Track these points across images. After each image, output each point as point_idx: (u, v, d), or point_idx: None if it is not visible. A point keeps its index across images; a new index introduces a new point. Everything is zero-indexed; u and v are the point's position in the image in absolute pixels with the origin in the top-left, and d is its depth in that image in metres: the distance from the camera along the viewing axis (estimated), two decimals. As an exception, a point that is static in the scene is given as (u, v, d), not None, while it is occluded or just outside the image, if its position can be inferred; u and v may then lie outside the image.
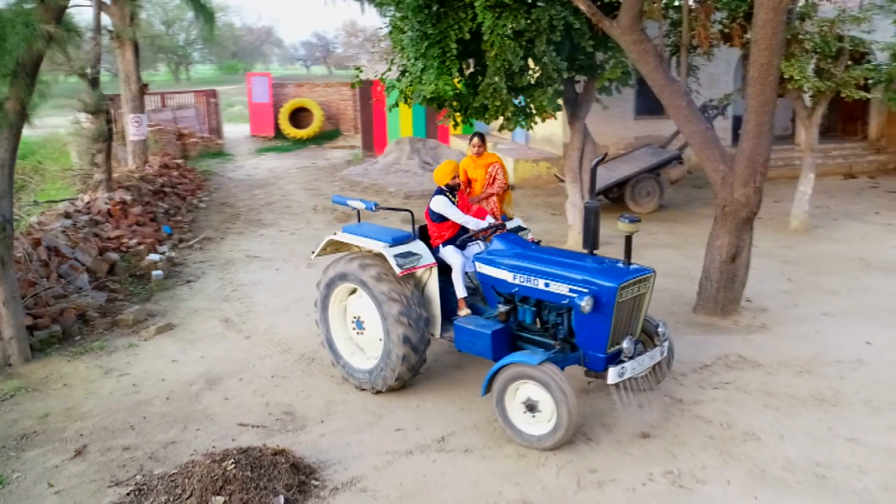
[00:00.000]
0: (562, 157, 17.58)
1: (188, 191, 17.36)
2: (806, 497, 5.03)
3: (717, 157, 8.12)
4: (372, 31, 71.96)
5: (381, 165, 20.80)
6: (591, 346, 5.88)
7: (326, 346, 7.19)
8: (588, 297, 5.62)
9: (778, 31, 7.09)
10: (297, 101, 28.69)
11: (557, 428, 5.54)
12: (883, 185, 16.14)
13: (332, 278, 6.92)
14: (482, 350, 6.24)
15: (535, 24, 9.99)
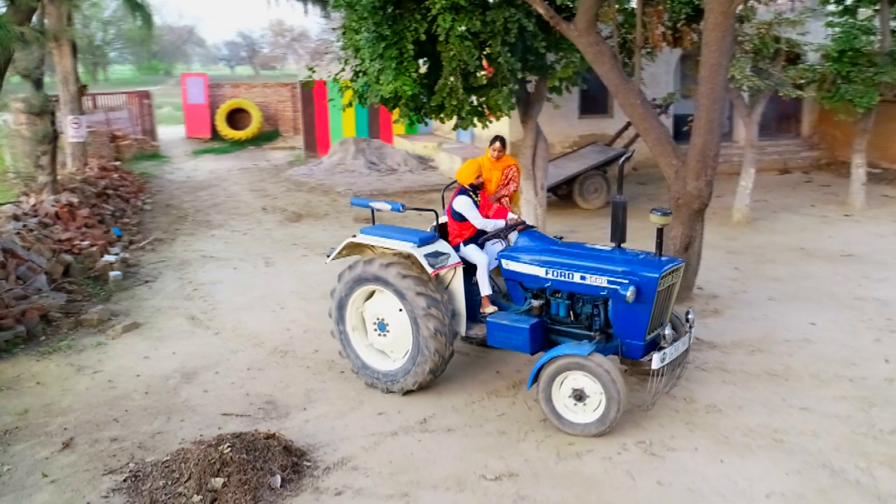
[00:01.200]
0: (509, 156, 18.20)
1: (130, 193, 17.27)
2: (767, 459, 5.63)
3: (671, 153, 8.75)
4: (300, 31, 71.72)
5: (325, 166, 21.04)
6: (630, 335, 6.18)
7: (345, 351, 7.19)
8: (632, 287, 5.93)
9: (727, 33, 7.74)
10: (235, 102, 28.61)
11: (607, 414, 5.84)
12: (816, 179, 17.26)
13: (351, 282, 6.91)
14: (519, 344, 6.43)
15: (489, 25, 10.47)
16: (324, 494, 5.43)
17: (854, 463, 5.52)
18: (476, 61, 10.65)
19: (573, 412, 6.04)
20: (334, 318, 7.15)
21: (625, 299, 5.95)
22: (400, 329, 6.74)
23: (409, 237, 6.71)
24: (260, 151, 26.84)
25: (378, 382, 6.97)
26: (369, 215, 15.25)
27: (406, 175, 19.70)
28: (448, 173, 19.06)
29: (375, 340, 7.03)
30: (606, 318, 6.31)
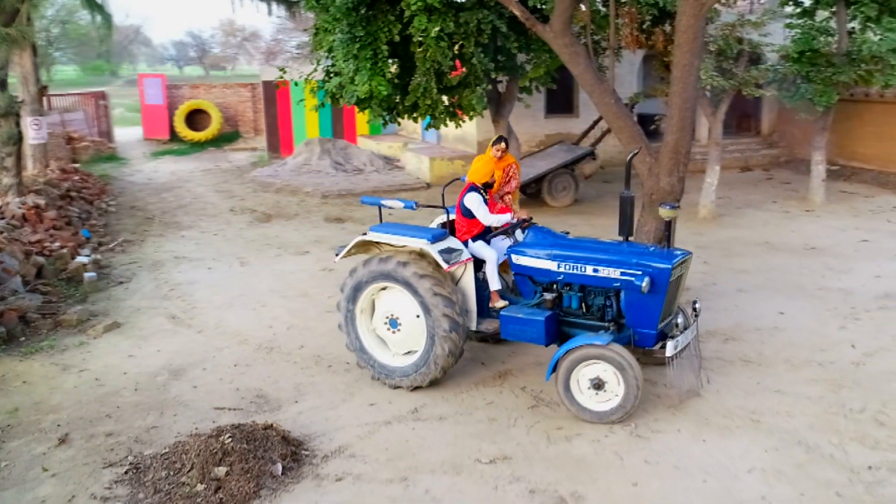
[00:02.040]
0: (476, 155, 18.54)
1: (93, 195, 17.19)
2: (746, 438, 6.02)
3: (644, 151, 9.13)
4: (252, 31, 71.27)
5: (290, 167, 21.15)
6: (643, 325, 6.46)
7: (355, 349, 7.28)
8: (647, 278, 6.20)
9: (698, 35, 8.14)
10: (194, 103, 28.51)
11: (626, 401, 6.11)
12: (777, 176, 17.95)
13: (362, 280, 7.02)
14: (534, 337, 6.64)
15: (463, 26, 10.80)
16: (325, 480, 5.65)
17: (827, 440, 5.93)
18: (449, 62, 10.96)
19: (591, 401, 6.28)
20: (344, 315, 7.25)
21: (641, 290, 6.20)
22: (412, 325, 6.89)
23: (422, 234, 6.86)
24: (221, 153, 26.81)
25: (388, 378, 7.10)
26: (341, 215, 15.48)
27: (373, 175, 19.91)
28: (416, 173, 19.33)
29: (387, 337, 7.15)
30: (618, 308, 6.61)
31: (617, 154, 19.17)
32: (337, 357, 8.01)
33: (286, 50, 54.10)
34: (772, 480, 5.43)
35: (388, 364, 7.13)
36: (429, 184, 18.27)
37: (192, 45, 75.11)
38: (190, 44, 75.23)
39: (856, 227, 12.76)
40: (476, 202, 7.08)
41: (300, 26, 44.31)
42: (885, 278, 9.93)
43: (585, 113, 18.57)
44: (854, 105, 16.54)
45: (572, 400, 6.33)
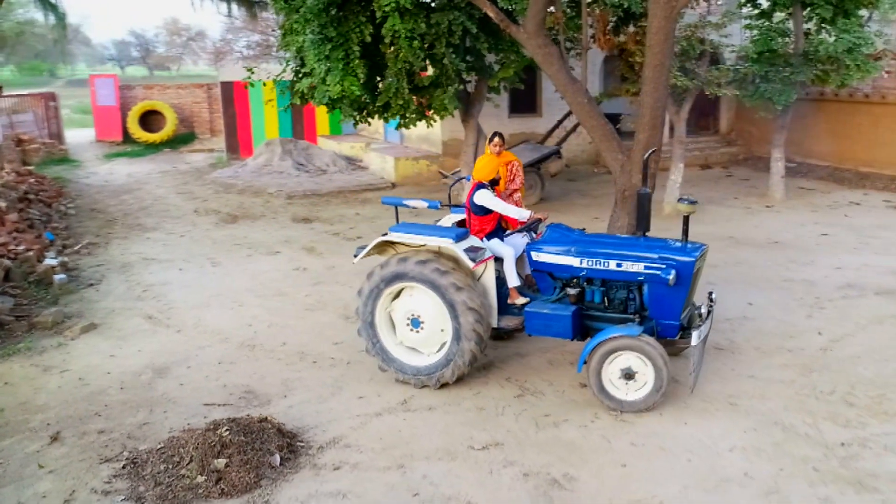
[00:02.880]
0: (441, 155, 18.86)
1: (51, 198, 17.02)
2: (725, 420, 6.40)
3: (616, 148, 9.52)
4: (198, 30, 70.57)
5: (251, 168, 21.17)
6: (667, 316, 6.75)
7: (375, 350, 7.32)
8: (673, 271, 6.48)
9: (669, 36, 8.56)
10: (148, 104, 28.28)
11: (656, 390, 6.38)
12: (736, 174, 18.61)
13: (383, 280, 7.07)
14: (560, 331, 6.87)
15: (434, 27, 11.07)
16: (323, 470, 5.86)
17: (801, 419, 6.34)
18: (421, 62, 11.21)
19: (621, 391, 6.53)
20: (363, 318, 7.28)
21: (668, 283, 6.49)
22: (435, 324, 7.00)
23: (444, 233, 7.00)
24: (177, 154, 26.64)
25: (411, 378, 7.17)
26: (308, 215, 15.60)
27: (337, 176, 20.05)
28: (380, 173, 19.53)
29: (408, 337, 7.21)
30: (641, 301, 6.87)
31: (580, 153, 19.67)
32: (321, 353, 8.20)
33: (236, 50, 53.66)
34: (752, 458, 5.80)
35: (411, 364, 7.19)
36: (394, 183, 18.49)
37: (134, 45, 73.98)
38: (132, 43, 74.09)
39: (815, 221, 13.36)
40: (489, 197, 7.24)
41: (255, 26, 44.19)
42: (845, 270, 10.47)
43: (549, 112, 18.99)
44: (809, 104, 17.24)
45: (603, 390, 6.56)
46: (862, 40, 13.23)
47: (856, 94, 16.53)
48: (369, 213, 15.58)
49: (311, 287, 10.60)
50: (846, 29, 13.29)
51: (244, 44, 50.58)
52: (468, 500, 5.42)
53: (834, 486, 5.40)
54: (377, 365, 7.40)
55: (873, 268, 10.51)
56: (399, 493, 5.55)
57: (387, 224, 14.35)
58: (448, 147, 18.74)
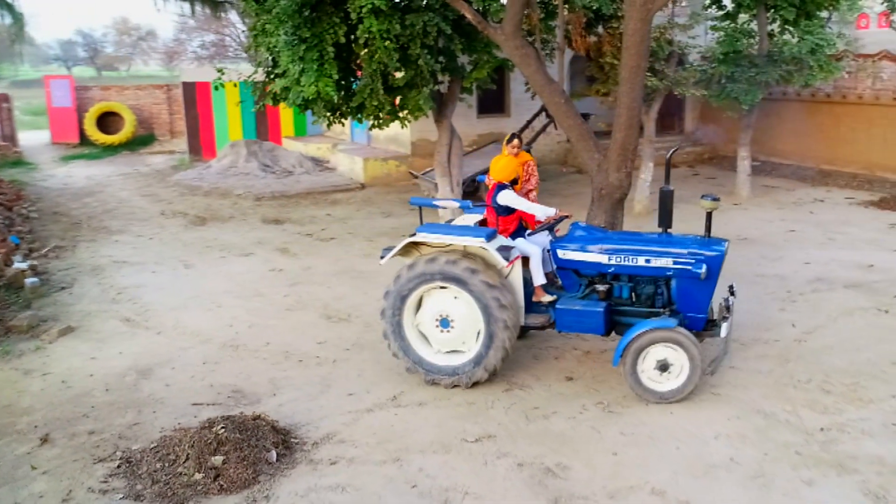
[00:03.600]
0: (410, 155, 19.03)
1: (10, 201, 16.82)
2: (709, 409, 6.69)
3: (592, 147, 9.78)
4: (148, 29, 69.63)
5: (216, 169, 21.09)
6: (695, 309, 7.03)
7: (403, 353, 7.32)
8: (704, 265, 6.78)
9: (645, 38, 8.83)
10: (105, 105, 27.89)
11: (690, 380, 6.63)
12: (702, 172, 19.11)
13: (412, 281, 7.11)
14: (593, 327, 7.10)
15: (409, 28, 11.23)
16: (319, 465, 6.00)
17: (781, 407, 6.66)
18: (396, 63, 11.35)
19: (657, 382, 6.76)
20: (390, 319, 7.29)
21: (700, 276, 6.77)
22: (465, 324, 7.11)
23: (475, 233, 7.10)
24: (136, 156, 26.36)
25: (441, 378, 7.22)
26: (278, 216, 15.63)
27: (304, 177, 20.07)
28: (348, 174, 19.61)
29: (437, 336, 7.26)
30: (668, 295, 7.13)
31: (549, 153, 19.98)
32: (306, 352, 8.32)
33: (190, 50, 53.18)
34: (737, 444, 6.09)
35: (439, 364, 7.24)
36: (363, 184, 18.59)
37: (81, 45, 72.62)
38: (79, 43, 72.71)
39: (781, 218, 13.82)
40: (513, 197, 7.40)
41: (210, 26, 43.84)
42: (813, 264, 10.89)
43: (517, 113, 19.25)
44: (773, 103, 17.77)
45: (639, 382, 6.78)
46: (824, 41, 13.74)
47: (818, 94, 17.09)
48: (340, 214, 15.69)
49: (289, 288, 10.69)
50: (809, 30, 13.78)
51: (198, 44, 50.16)
52: (466, 490, 5.60)
53: (816, 469, 5.70)
54: (404, 367, 7.41)
55: (840, 262, 10.95)
56: (397, 484, 5.71)
57: (360, 225, 14.59)
58: (417, 148, 18.90)
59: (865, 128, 16.46)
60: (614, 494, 5.49)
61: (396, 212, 15.82)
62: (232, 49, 45.12)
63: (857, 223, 13.35)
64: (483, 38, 12.60)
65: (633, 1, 8.56)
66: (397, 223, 14.66)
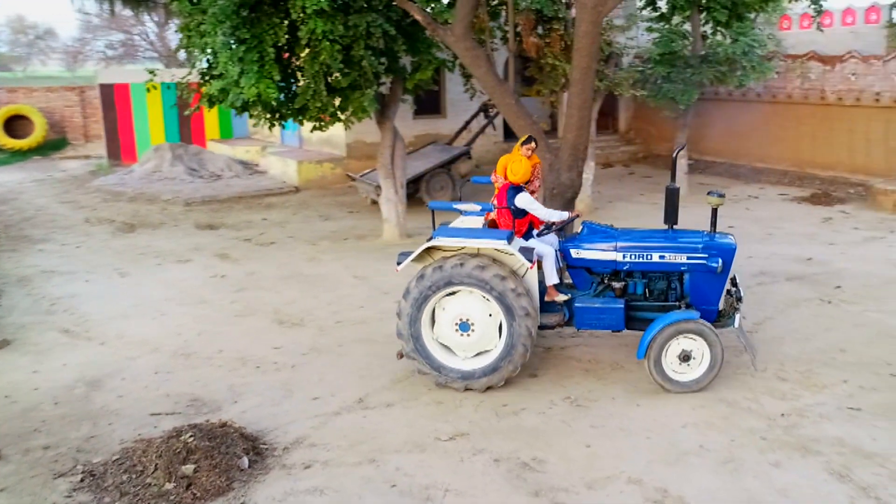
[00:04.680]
0: (345, 158, 19.05)
1: (-82, 209, 16.17)
2: (674, 400, 6.99)
3: (544, 147, 10.05)
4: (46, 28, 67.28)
5: (139, 174, 20.66)
6: (708, 302, 7.36)
7: (420, 356, 7.30)
8: (720, 258, 7.14)
9: (596, 40, 9.16)
10: (12, 108, 26.94)
11: (712, 369, 6.98)
12: (637, 172, 19.73)
13: (433, 285, 7.12)
14: (613, 323, 7.39)
15: (352, 29, 11.30)
16: (294, 469, 6.04)
17: (742, 395, 7.02)
18: (339, 65, 11.39)
19: (679, 373, 7.08)
20: (407, 323, 7.26)
21: (716, 270, 7.18)
22: (485, 328, 7.17)
23: (495, 235, 7.23)
24: (49, 161, 25.54)
25: (457, 382, 7.23)
26: (212, 221, 15.45)
27: (234, 181, 19.86)
28: (281, 177, 19.49)
29: (457, 341, 7.28)
30: (681, 290, 7.46)
31: (485, 153, 20.26)
32: (262, 358, 8.31)
33: (97, 50, 51.69)
34: (705, 431, 6.40)
35: (457, 368, 7.27)
36: (297, 188, 18.52)
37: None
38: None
39: (720, 215, 14.32)
40: (530, 200, 7.58)
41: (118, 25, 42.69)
42: (756, 259, 11.44)
43: (453, 113, 19.53)
44: (704, 103, 18.45)
45: (663, 374, 7.06)
46: (757, 43, 14.40)
47: (749, 94, 17.87)
48: (277, 218, 15.61)
49: (235, 294, 10.62)
50: (742, 31, 14.43)
51: (104, 43, 48.79)
52: (446, 487, 5.73)
53: (782, 452, 6.05)
54: (417, 369, 7.42)
55: (781, 256, 11.53)
56: (376, 485, 5.80)
57: (299, 229, 14.57)
58: (353, 150, 18.94)
59: (795, 126, 17.31)
60: (592, 485, 5.71)
61: (335, 215, 15.84)
62: (143, 49, 44.15)
63: (793, 218, 14.05)
64: (426, 39, 12.79)
65: (584, 4, 8.87)
66: (337, 227, 14.70)
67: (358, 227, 14.50)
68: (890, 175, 15.02)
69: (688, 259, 7.36)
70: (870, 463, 5.88)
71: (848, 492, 5.53)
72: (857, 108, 16.09)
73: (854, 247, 12.13)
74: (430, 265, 7.18)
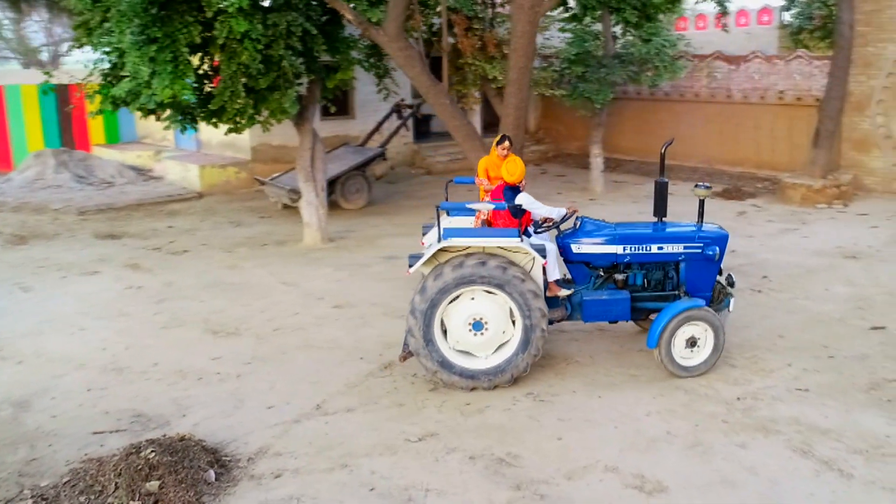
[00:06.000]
0: (250, 161, 18.79)
1: None
2: (633, 390, 7.33)
3: (479, 147, 10.31)
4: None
5: (19, 182, 19.77)
6: (702, 290, 7.92)
7: (433, 358, 7.34)
8: (716, 247, 7.71)
9: (533, 40, 9.48)
10: None
11: (715, 353, 7.52)
12: (550, 171, 20.29)
13: (447, 286, 7.22)
14: (620, 314, 7.77)
15: (271, 28, 11.23)
16: (264, 479, 6.01)
17: (698, 383, 7.42)
18: (259, 65, 11.30)
19: (686, 359, 7.53)
20: (421, 324, 7.29)
21: (714, 258, 7.78)
22: (498, 326, 7.34)
23: (505, 234, 7.43)
24: None
25: (467, 382, 7.37)
26: (112, 231, 15.01)
27: (129, 188, 19.25)
28: (181, 182, 19.01)
29: (469, 341, 7.39)
30: (678, 279, 7.95)
31: (396, 154, 20.40)
32: (202, 369, 8.17)
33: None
34: (668, 418, 6.75)
35: (469, 367, 7.40)
36: (200, 193, 18.11)
37: None
38: None
39: (639, 211, 15.02)
40: (531, 200, 7.83)
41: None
42: (682, 253, 12.02)
43: (362, 115, 19.57)
44: (616, 102, 19.19)
45: (673, 361, 7.49)
46: (668, 43, 15.13)
47: (657, 93, 18.71)
48: (185, 226, 15.25)
49: (157, 305, 10.36)
50: (653, 32, 15.13)
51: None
52: (426, 487, 5.84)
53: (745, 434, 6.46)
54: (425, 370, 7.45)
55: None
56: (353, 489, 5.85)
57: (210, 236, 14.32)
58: (258, 153, 18.70)
59: (703, 124, 18.25)
60: (571, 475, 5.94)
61: (246, 221, 15.62)
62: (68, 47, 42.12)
63: (709, 213, 14.65)
64: (345, 39, 12.84)
65: (521, 5, 9.17)
66: (251, 232, 14.51)
67: (274, 233, 14.35)
68: (795, 169, 16.04)
69: (684, 249, 7.87)
70: (826, 438, 6.37)
71: (812, 466, 5.97)
72: (762, 106, 17.14)
73: (772, 238, 12.93)
74: (448, 263, 7.29)
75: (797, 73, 16.53)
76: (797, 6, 22.32)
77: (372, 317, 9.58)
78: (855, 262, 11.43)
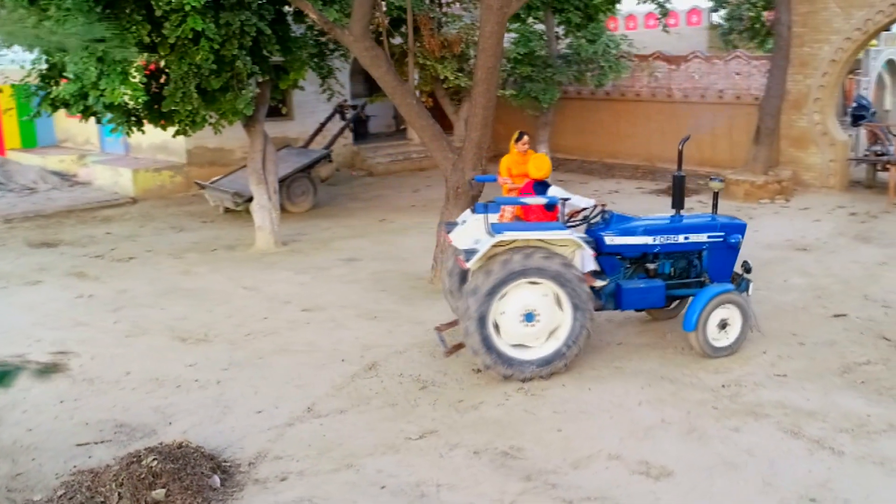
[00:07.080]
0: (186, 165, 18.53)
1: None
2: (620, 381, 7.61)
3: (446, 147, 10.47)
4: None
5: (-71, 191, 19.06)
6: (722, 276, 8.51)
7: (488, 350, 7.50)
8: (739, 235, 8.41)
9: (501, 40, 9.67)
10: None
11: (742, 335, 8.09)
12: (491, 170, 20.46)
13: (503, 279, 7.40)
14: (656, 300, 8.32)
15: (224, 28, 11.17)
16: (269, 483, 6.05)
17: (681, 372, 7.76)
18: (212, 65, 11.22)
19: (718, 340, 8.04)
20: (477, 318, 7.42)
21: (738, 246, 8.50)
22: (550, 317, 7.61)
23: (556, 227, 7.71)
24: None
25: (522, 372, 7.59)
26: (46, 239, 14.66)
27: (55, 194, 18.72)
28: (111, 188, 18.59)
29: (521, 332, 7.61)
30: (701, 266, 8.57)
31: (335, 156, 20.39)
32: (178, 376, 8.11)
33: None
34: (660, 407, 7.05)
35: (521, 358, 7.65)
36: (134, 198, 17.76)
37: None
38: None
39: (591, 210, 15.45)
40: (563, 192, 8.23)
41: None
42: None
43: (300, 116, 19.52)
44: (559, 101, 19.67)
45: (707, 342, 8.00)
46: (613, 43, 15.62)
47: (598, 93, 19.22)
48: (124, 232, 14.96)
49: (114, 313, 10.18)
50: (597, 32, 15.60)
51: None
52: (436, 482, 5.98)
53: (736, 418, 6.81)
54: (480, 362, 7.59)
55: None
56: (363, 488, 5.95)
57: (154, 242, 14.14)
58: (194, 156, 18.44)
59: (644, 123, 18.85)
60: (577, 464, 6.17)
61: (188, 226, 15.42)
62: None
63: (656, 210, 15.25)
64: (297, 39, 12.85)
65: (489, 5, 9.38)
66: (197, 237, 14.35)
67: (222, 237, 14.23)
68: (735, 166, 16.73)
69: (708, 238, 8.46)
70: (813, 419, 6.77)
71: (804, 446, 6.36)
72: (703, 105, 17.81)
73: (722, 234, 13.50)
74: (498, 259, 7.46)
75: (736, 73, 17.25)
76: (726, 7, 23.23)
77: (345, 319, 9.65)
78: (806, 254, 12.05)
